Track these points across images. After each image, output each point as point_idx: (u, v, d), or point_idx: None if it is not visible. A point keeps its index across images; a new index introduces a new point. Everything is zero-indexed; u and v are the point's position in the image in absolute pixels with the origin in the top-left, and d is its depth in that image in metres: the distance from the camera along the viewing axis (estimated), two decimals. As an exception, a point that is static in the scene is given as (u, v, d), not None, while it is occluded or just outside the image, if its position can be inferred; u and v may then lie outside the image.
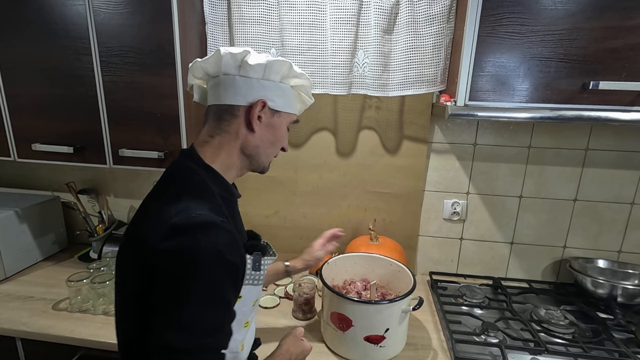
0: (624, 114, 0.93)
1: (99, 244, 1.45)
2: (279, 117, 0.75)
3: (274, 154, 0.79)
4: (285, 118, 0.77)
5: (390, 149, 1.39)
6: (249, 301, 0.73)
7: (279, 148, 0.80)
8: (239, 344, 0.75)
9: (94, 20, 1.09)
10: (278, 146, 0.79)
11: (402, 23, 1.17)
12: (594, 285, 1.24)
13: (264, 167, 0.78)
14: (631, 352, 1.02)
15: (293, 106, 0.79)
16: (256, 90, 0.71)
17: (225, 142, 0.72)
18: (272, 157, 0.80)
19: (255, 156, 0.75)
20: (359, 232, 1.47)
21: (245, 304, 0.72)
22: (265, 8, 1.20)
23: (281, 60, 0.71)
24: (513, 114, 0.98)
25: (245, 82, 0.71)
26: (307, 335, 1.08)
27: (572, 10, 0.91)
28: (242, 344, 0.77)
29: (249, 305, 0.73)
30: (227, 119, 0.72)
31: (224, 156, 0.72)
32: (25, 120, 1.20)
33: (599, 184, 1.34)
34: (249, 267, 0.70)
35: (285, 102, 0.75)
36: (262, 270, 0.73)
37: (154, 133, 1.15)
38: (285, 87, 0.76)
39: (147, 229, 0.61)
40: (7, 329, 1.09)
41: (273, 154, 0.79)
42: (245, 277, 0.69)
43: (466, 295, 1.29)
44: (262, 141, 0.74)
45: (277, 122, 0.75)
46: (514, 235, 1.43)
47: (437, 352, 1.04)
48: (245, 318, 0.75)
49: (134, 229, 0.68)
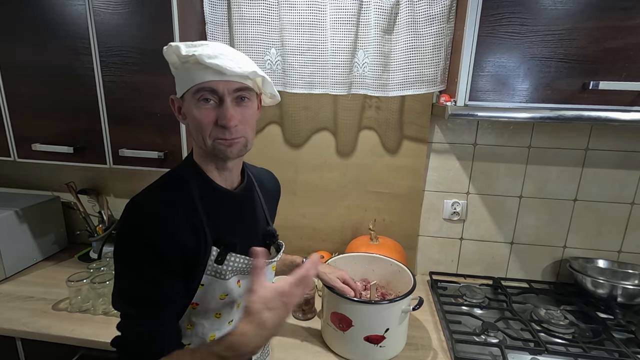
0: (624, 114, 0.93)
1: (99, 244, 1.45)
2: (185, 100, 0.72)
3: (207, 136, 0.71)
4: (188, 99, 0.71)
5: (390, 149, 1.39)
6: (214, 293, 0.74)
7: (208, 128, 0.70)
8: (208, 333, 0.77)
9: (94, 20, 1.09)
10: (200, 128, 0.70)
11: (402, 23, 1.17)
12: (594, 285, 1.24)
13: (213, 153, 0.73)
14: (631, 352, 1.02)
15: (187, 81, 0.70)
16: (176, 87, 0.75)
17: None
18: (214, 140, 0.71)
19: (198, 145, 0.75)
20: (359, 232, 1.47)
21: (208, 293, 0.74)
22: (265, 8, 1.20)
23: (165, 51, 0.71)
24: (513, 114, 0.98)
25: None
26: (307, 335, 1.09)
27: (572, 10, 0.91)
28: (214, 335, 0.78)
29: (214, 297, 0.75)
30: None
31: (195, 150, 0.78)
32: (25, 120, 1.20)
33: (599, 184, 1.34)
34: (212, 259, 0.72)
35: (180, 83, 0.72)
36: (224, 264, 0.73)
37: (154, 133, 1.15)
38: (177, 71, 0.72)
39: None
40: (7, 329, 1.09)
41: (206, 136, 0.71)
42: (207, 267, 0.72)
43: (466, 295, 1.29)
44: (191, 129, 0.74)
45: (187, 106, 0.72)
46: (514, 235, 1.43)
47: (437, 352, 1.04)
48: (214, 309, 0.77)
49: None
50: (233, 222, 0.79)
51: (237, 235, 0.77)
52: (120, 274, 0.68)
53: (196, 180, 0.74)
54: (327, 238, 1.51)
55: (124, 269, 0.68)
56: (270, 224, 0.91)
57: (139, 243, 0.66)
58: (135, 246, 0.66)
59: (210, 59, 0.65)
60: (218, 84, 0.68)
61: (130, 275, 0.68)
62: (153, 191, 0.73)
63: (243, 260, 0.76)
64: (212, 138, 0.71)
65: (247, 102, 0.73)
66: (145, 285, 0.67)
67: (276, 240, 0.88)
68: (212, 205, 0.74)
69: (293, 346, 1.05)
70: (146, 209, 0.69)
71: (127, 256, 0.67)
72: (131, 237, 0.67)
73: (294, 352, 1.02)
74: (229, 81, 0.68)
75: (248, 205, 0.84)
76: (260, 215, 0.87)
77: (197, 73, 0.68)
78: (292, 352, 1.02)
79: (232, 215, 0.79)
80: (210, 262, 0.72)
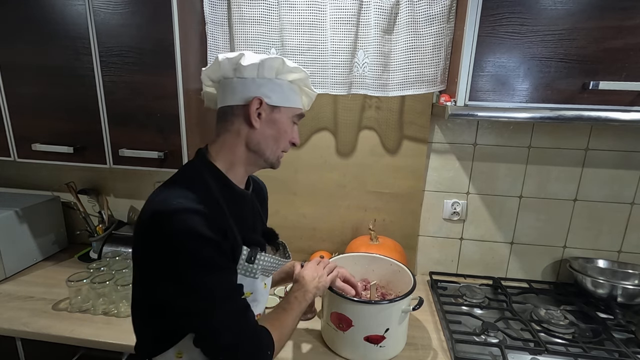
0: (624, 114, 0.93)
1: (99, 244, 1.45)
2: (279, 112, 0.78)
3: (280, 148, 0.80)
4: (285, 112, 0.79)
5: (390, 149, 1.39)
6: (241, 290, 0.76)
7: (285, 143, 0.81)
8: None
9: (94, 20, 1.09)
10: (283, 141, 0.80)
11: (402, 23, 1.17)
12: (594, 285, 1.24)
13: (271, 162, 0.81)
14: (631, 352, 1.02)
15: (292, 100, 0.79)
16: (252, 89, 0.75)
17: (227, 141, 0.78)
18: (280, 152, 0.81)
19: (259, 152, 0.78)
20: (359, 232, 1.47)
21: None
22: (265, 8, 1.20)
23: (273, 57, 0.73)
24: (513, 114, 0.98)
25: (241, 83, 0.75)
26: (307, 335, 1.09)
27: (572, 10, 0.91)
28: None
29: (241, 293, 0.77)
30: (228, 119, 0.77)
31: (227, 153, 0.78)
32: (25, 120, 1.20)
33: (599, 184, 1.34)
34: (243, 258, 0.75)
35: (282, 96, 0.77)
36: (255, 263, 0.76)
37: (154, 133, 1.15)
38: (281, 82, 0.77)
39: (143, 208, 0.71)
40: (7, 329, 1.09)
41: (279, 148, 0.80)
42: (238, 265, 0.75)
43: (466, 295, 1.29)
44: (263, 137, 0.77)
45: (277, 117, 0.78)
46: (514, 235, 1.43)
47: (437, 352, 1.04)
48: None
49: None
50: (250, 222, 0.83)
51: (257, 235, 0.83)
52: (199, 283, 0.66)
53: (215, 181, 0.76)
54: (327, 238, 1.51)
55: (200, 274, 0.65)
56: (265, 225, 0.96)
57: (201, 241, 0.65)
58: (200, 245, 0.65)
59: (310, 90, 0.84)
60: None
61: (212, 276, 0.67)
62: (183, 194, 0.69)
63: (269, 258, 0.80)
64: (281, 150, 0.81)
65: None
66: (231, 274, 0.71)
67: (277, 239, 0.92)
68: (234, 206, 0.76)
69: (293, 346, 1.05)
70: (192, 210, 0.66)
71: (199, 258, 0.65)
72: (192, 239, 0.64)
73: (293, 352, 1.02)
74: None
75: (255, 206, 0.89)
76: (258, 216, 0.91)
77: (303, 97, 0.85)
78: (292, 352, 1.02)
79: (248, 216, 0.83)
80: (242, 261, 0.75)
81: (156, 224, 0.65)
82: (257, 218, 0.89)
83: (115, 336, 1.06)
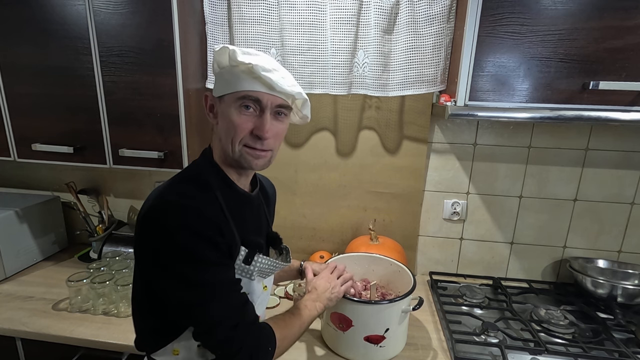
0: (624, 114, 0.93)
1: (99, 244, 1.45)
2: (224, 102, 0.72)
3: (236, 142, 0.72)
4: (228, 101, 0.72)
5: (390, 149, 1.39)
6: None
7: (237, 134, 0.71)
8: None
9: (94, 20, 1.09)
10: (233, 132, 0.71)
11: (402, 23, 1.17)
12: (594, 285, 1.24)
13: (234, 159, 0.74)
14: (631, 352, 1.02)
15: (234, 84, 0.71)
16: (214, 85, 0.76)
17: (214, 141, 0.78)
18: (240, 146, 0.72)
19: (224, 149, 0.74)
20: (359, 232, 1.47)
21: None
22: (265, 8, 1.20)
23: (217, 50, 0.72)
24: (513, 114, 0.98)
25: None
26: (307, 335, 1.09)
27: (572, 10, 0.91)
28: None
29: None
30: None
31: (216, 151, 0.78)
32: (25, 120, 1.20)
33: (599, 184, 1.34)
34: (240, 259, 0.75)
35: (223, 84, 0.72)
36: (252, 265, 0.76)
37: (154, 133, 1.15)
38: (223, 72, 0.73)
39: (143, 203, 0.71)
40: (7, 329, 1.09)
41: (235, 142, 0.72)
42: (235, 264, 0.74)
43: (466, 295, 1.29)
44: (221, 130, 0.74)
45: (224, 108, 0.73)
46: (514, 235, 1.43)
47: (437, 352, 1.04)
48: None
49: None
50: (252, 224, 0.82)
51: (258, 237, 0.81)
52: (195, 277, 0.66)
53: (218, 182, 0.75)
54: (327, 238, 1.51)
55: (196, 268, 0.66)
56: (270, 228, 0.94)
57: (195, 236, 0.65)
58: (194, 240, 0.65)
59: (265, 72, 0.68)
60: (264, 95, 0.70)
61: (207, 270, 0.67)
62: (183, 190, 0.70)
63: (266, 261, 0.79)
64: (241, 144, 0.72)
65: (284, 118, 0.75)
66: (228, 269, 0.71)
67: (281, 243, 0.91)
68: (235, 207, 0.76)
69: (293, 346, 1.04)
70: (187, 207, 0.66)
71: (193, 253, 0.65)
72: (185, 233, 0.64)
73: (294, 352, 1.02)
74: (274, 95, 0.71)
75: (260, 209, 0.87)
76: (264, 219, 0.89)
77: (247, 81, 0.70)
78: (292, 352, 1.02)
79: (250, 218, 0.81)
80: (238, 261, 0.75)
81: (151, 218, 0.67)
82: (262, 220, 0.88)
83: (115, 336, 1.06)
